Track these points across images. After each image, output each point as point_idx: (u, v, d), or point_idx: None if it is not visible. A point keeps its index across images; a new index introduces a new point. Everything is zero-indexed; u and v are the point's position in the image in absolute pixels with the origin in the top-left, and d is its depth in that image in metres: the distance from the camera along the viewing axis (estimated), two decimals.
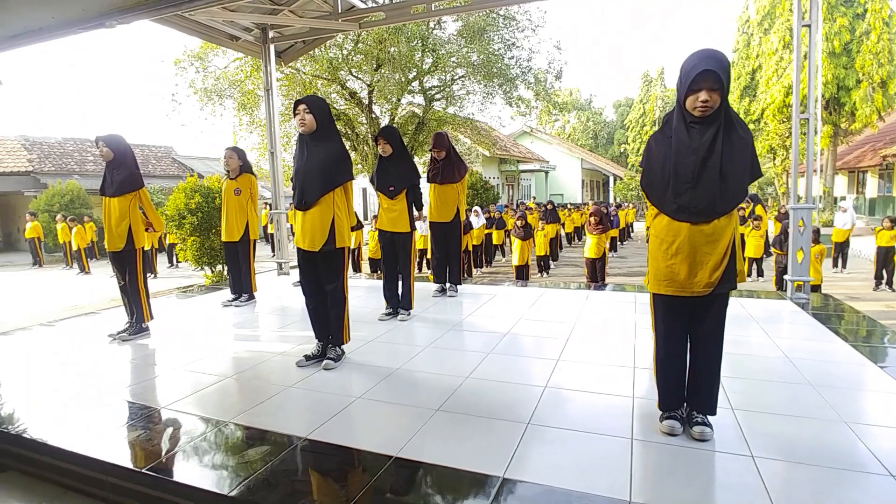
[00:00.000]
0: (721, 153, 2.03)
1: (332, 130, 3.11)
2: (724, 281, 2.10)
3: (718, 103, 2.00)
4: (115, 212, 3.93)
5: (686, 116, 2.07)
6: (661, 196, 2.14)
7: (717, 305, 2.15)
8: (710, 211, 2.06)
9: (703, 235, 2.08)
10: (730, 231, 2.10)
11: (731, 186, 2.04)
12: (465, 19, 14.12)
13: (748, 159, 2.05)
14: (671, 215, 2.12)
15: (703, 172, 2.04)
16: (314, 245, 3.07)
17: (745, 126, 2.09)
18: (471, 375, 2.98)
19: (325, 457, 2.15)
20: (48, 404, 2.77)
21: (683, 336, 2.23)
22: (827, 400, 2.53)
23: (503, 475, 1.93)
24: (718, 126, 2.03)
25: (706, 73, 1.96)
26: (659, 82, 36.09)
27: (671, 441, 2.16)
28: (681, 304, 2.17)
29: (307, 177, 3.03)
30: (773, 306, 4.58)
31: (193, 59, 11.33)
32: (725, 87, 1.98)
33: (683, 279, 2.12)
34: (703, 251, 2.09)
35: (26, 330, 4.47)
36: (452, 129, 17.59)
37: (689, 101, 2.03)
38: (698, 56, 2.00)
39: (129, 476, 2.08)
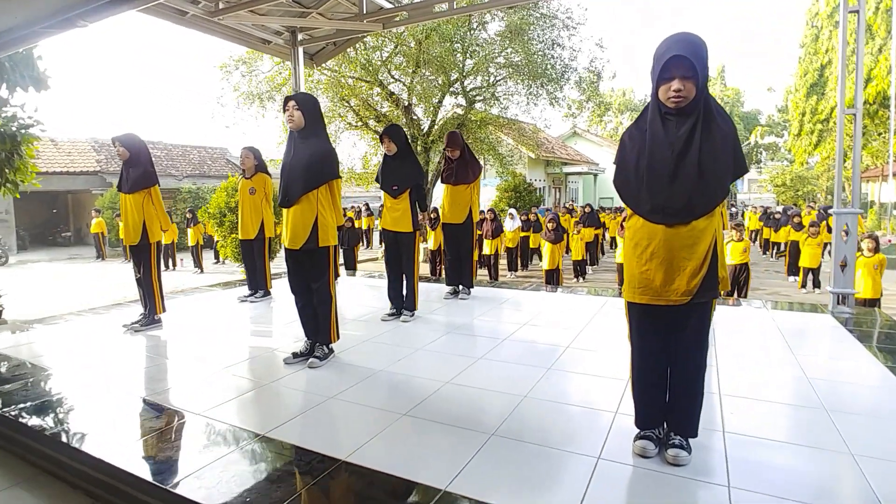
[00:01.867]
0: (699, 148, 1.83)
1: (320, 128, 3.10)
2: (704, 289, 1.90)
3: (694, 93, 1.81)
4: (131, 207, 4.11)
5: (661, 108, 1.88)
6: (636, 195, 1.96)
7: (697, 316, 1.94)
8: (688, 211, 1.86)
9: (679, 238, 1.89)
10: (710, 234, 1.89)
11: (711, 184, 1.84)
12: (505, 19, 13.97)
13: (730, 154, 1.84)
14: (645, 216, 1.94)
15: (680, 169, 1.85)
16: (296, 243, 3.07)
17: (727, 117, 1.88)
18: (452, 381, 2.87)
19: (273, 455, 2.12)
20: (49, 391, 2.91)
21: (661, 348, 2.03)
22: (839, 428, 2.25)
23: (445, 488, 1.82)
24: (696, 118, 1.84)
25: (677, 60, 1.77)
26: (718, 81, 34.30)
27: (641, 464, 1.98)
28: (657, 314, 1.98)
29: (291, 174, 3.03)
30: (809, 320, 4.18)
31: (238, 63, 11.81)
32: (701, 75, 1.79)
33: (659, 286, 1.93)
34: (680, 256, 1.90)
35: (58, 318, 4.75)
36: (495, 130, 17.44)
37: (661, 91, 1.85)
38: (669, 41, 1.82)
39: (57, 447, 2.13)
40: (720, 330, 3.81)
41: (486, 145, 16.52)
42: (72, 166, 17.23)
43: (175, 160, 20.41)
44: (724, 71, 34.84)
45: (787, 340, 3.56)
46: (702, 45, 1.81)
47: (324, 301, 3.17)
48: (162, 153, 20.39)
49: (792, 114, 22.88)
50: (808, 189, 26.55)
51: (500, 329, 3.96)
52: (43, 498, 2.13)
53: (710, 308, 1.95)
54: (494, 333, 3.85)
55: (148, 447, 2.19)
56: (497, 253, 11.14)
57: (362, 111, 14.28)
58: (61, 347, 3.73)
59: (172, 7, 5.64)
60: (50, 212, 18.34)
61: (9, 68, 5.45)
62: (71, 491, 2.16)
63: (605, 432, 2.23)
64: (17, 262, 14.63)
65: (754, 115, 38.14)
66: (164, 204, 15.54)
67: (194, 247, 13.07)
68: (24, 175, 6.58)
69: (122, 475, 2.00)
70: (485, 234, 11.10)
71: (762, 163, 38.15)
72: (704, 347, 1.97)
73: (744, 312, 4.47)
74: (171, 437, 2.28)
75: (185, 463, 2.05)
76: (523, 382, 2.81)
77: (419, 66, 13.29)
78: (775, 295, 9.20)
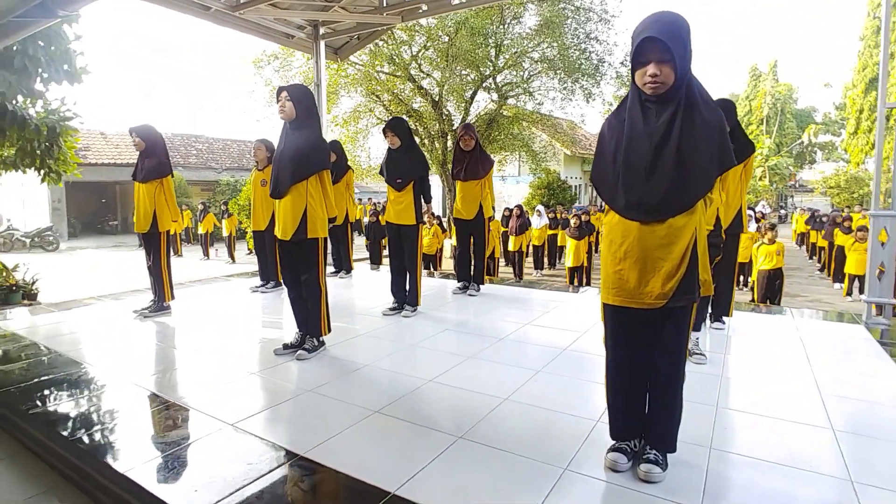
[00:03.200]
0: (679, 139, 1.67)
1: (311, 120, 3.06)
2: (681, 292, 1.74)
3: (672, 78, 1.65)
4: (143, 196, 4.21)
5: (640, 94, 1.73)
6: (612, 190, 1.81)
7: (674, 321, 1.79)
8: (664, 207, 1.71)
9: (655, 237, 1.74)
10: (689, 232, 1.73)
11: (692, 178, 1.68)
12: (539, 13, 13.69)
13: (715, 145, 1.68)
14: (620, 212, 1.80)
15: (658, 162, 1.70)
16: (286, 234, 3.05)
17: (712, 105, 1.71)
18: (435, 379, 2.79)
19: (237, 446, 2.09)
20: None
21: (636, 354, 1.88)
22: (843, 452, 2.04)
23: (393, 492, 1.74)
24: (677, 105, 1.68)
25: (651, 43, 1.62)
26: (770, 76, 32.53)
27: (610, 478, 1.84)
28: (632, 317, 1.84)
29: (281, 164, 3.01)
30: (838, 331, 3.87)
31: (270, 58, 12.04)
32: (679, 58, 1.63)
33: (633, 288, 1.79)
34: (654, 256, 1.74)
35: (79, 302, 4.94)
36: (529, 126, 17.15)
37: (637, 76, 1.70)
38: (645, 21, 1.67)
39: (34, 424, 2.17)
40: (735, 338, 3.58)
41: (518, 141, 16.29)
42: (119, 158, 18.07)
43: (216, 153, 21.09)
44: (777, 66, 33.01)
45: (808, 352, 3.29)
46: (680, 24, 1.64)
47: (313, 293, 3.14)
48: (203, 146, 21.12)
49: (849, 111, 21.50)
50: (864, 191, 24.90)
51: (500, 328, 3.84)
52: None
53: (688, 313, 1.79)
54: (493, 332, 3.73)
55: (110, 427, 2.21)
56: (522, 250, 10.95)
57: (393, 106, 14.33)
58: (72, 330, 3.87)
59: (195, 2, 5.76)
60: (99, 201, 19.31)
61: (44, 62, 5.70)
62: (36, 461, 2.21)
63: (580, 442, 2.10)
64: (66, 248, 15.48)
65: (809, 112, 36.01)
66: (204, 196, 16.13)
67: (228, 237, 13.46)
68: (65, 166, 6.91)
69: (71, 448, 2.03)
70: (510, 231, 10.93)
71: (817, 163, 36.10)
72: (681, 355, 1.82)
73: (766, 320, 4.18)
74: (135, 420, 2.30)
75: (141, 445, 2.05)
76: (508, 384, 2.70)
77: (451, 61, 13.19)
78: (816, 303, 8.64)
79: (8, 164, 6.69)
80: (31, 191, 16.24)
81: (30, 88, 5.68)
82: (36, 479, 2.16)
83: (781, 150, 33.02)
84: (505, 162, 18.15)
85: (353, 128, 14.12)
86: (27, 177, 7.18)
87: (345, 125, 14.26)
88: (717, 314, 3.77)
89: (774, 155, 32.11)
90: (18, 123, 5.85)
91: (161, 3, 5.47)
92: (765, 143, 32.12)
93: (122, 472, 1.88)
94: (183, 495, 1.74)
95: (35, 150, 6.40)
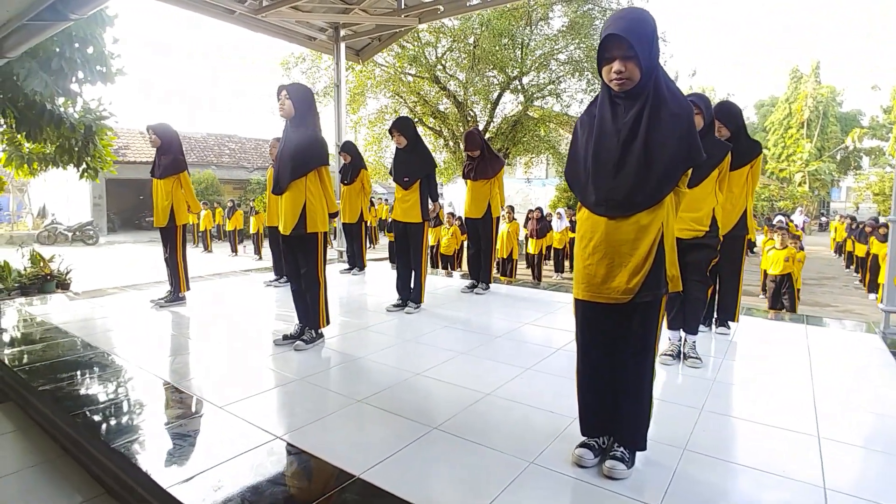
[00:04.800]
0: (646, 135, 1.68)
1: (309, 118, 3.15)
2: (647, 287, 1.74)
3: (638, 74, 1.66)
4: (161, 192, 4.41)
5: (609, 91, 1.75)
6: (583, 187, 1.83)
7: (640, 317, 1.79)
8: (629, 204, 1.72)
9: (621, 232, 1.75)
10: (655, 228, 1.73)
11: (657, 174, 1.68)
12: (568, 14, 13.58)
13: (683, 140, 1.67)
14: (590, 208, 1.81)
15: (625, 158, 1.71)
16: (286, 229, 3.15)
17: (681, 100, 1.71)
18: (423, 373, 2.84)
19: (220, 427, 2.19)
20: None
21: (605, 350, 1.88)
22: (824, 459, 1.99)
23: (359, 475, 1.80)
24: (644, 101, 1.69)
25: (615, 40, 1.63)
26: (812, 78, 31.23)
27: (574, 473, 1.85)
28: (600, 312, 1.84)
29: (282, 162, 3.12)
30: (852, 339, 3.73)
31: (298, 60, 12.34)
32: (643, 55, 1.63)
33: (600, 282, 1.80)
34: (621, 251, 1.75)
35: (103, 291, 5.21)
36: (556, 128, 17.02)
37: (604, 73, 1.71)
38: (611, 19, 1.68)
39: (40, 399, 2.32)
40: (739, 343, 3.50)
41: (545, 143, 16.18)
42: None
43: (248, 153, 21.71)
44: (819, 67, 31.65)
45: (813, 360, 3.19)
46: (645, 21, 1.65)
47: (311, 286, 3.24)
48: (236, 146, 21.78)
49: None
50: None
51: (499, 326, 3.86)
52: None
53: (655, 309, 1.79)
54: (491, 330, 3.76)
55: (108, 405, 2.35)
56: (542, 253, 10.89)
57: (419, 107, 14.45)
58: (92, 316, 4.09)
59: (221, 6, 6.00)
60: (137, 198, 20.13)
61: (80, 63, 6.03)
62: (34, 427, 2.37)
63: (553, 437, 2.11)
64: (105, 242, 16.24)
65: (854, 115, 34.40)
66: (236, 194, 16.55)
67: (255, 234, 13.84)
68: (102, 163, 7.29)
69: (71, 423, 2.17)
70: (530, 233, 10.88)
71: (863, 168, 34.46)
72: (649, 352, 1.81)
73: (777, 327, 4.06)
74: (131, 399, 2.43)
75: (132, 422, 2.18)
76: (493, 380, 2.73)
77: (475, 63, 13.22)
78: (847, 313, 8.29)
79: (48, 160, 7.10)
80: (74, 187, 17.08)
81: (66, 89, 6.01)
82: (40, 451, 2.31)
83: (823, 155, 31.68)
84: (531, 164, 18.06)
85: (377, 129, 14.30)
86: (71, 174, 7.59)
87: (370, 126, 14.45)
88: (722, 319, 3.69)
89: (815, 160, 30.85)
90: (56, 122, 6.21)
91: (187, 7, 5.72)
92: (805, 147, 30.90)
93: (111, 446, 2.00)
94: (162, 467, 1.85)
95: (73, 147, 6.77)
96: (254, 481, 1.77)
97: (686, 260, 2.96)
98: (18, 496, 1.98)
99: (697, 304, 3.03)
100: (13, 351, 3.20)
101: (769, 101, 36.07)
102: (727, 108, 3.30)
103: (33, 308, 4.43)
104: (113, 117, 7.04)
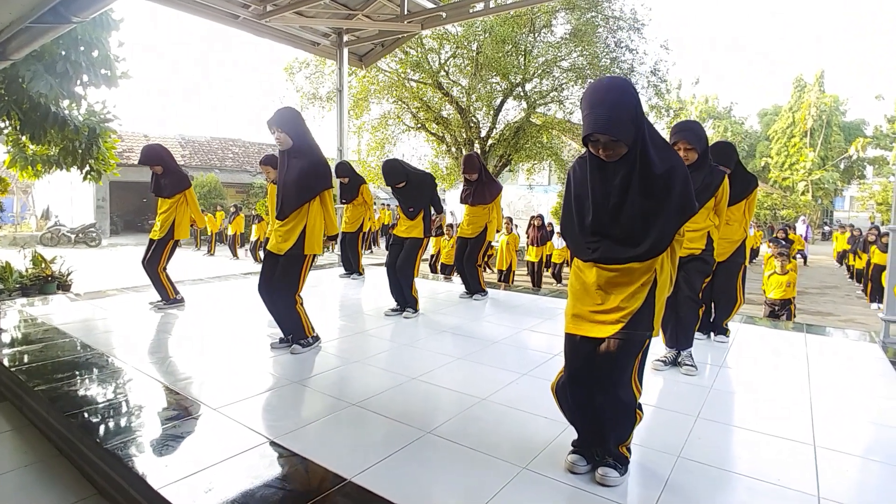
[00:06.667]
0: (636, 199, 1.67)
1: (307, 143, 3.12)
2: (633, 325, 1.74)
3: (625, 148, 1.64)
4: (166, 208, 4.46)
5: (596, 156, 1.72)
6: (578, 244, 1.83)
7: (624, 352, 1.75)
8: (627, 260, 1.73)
9: (614, 274, 1.77)
10: (648, 273, 1.75)
11: (651, 239, 1.69)
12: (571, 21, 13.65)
13: (675, 199, 1.67)
14: (585, 261, 1.82)
15: (618, 221, 1.71)
16: (281, 249, 3.13)
17: (669, 156, 1.69)
18: (419, 377, 2.83)
19: (214, 429, 2.19)
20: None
21: (588, 382, 1.83)
22: (819, 468, 1.97)
23: (350, 479, 1.80)
24: (632, 166, 1.66)
25: (597, 134, 1.61)
26: (816, 87, 31.21)
27: (566, 479, 1.84)
28: (587, 345, 1.82)
29: (286, 189, 3.10)
30: (851, 348, 3.72)
31: (302, 65, 12.42)
32: (632, 133, 1.62)
33: (588, 316, 1.80)
34: (612, 292, 1.77)
35: (102, 293, 5.22)
36: (559, 134, 17.05)
37: (590, 146, 1.70)
38: (588, 104, 1.61)
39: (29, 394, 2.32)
40: (737, 351, 3.49)
41: (547, 150, 16.20)
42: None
43: (251, 157, 21.80)
44: (823, 76, 31.64)
45: (811, 368, 3.18)
46: (622, 103, 1.60)
47: (287, 306, 3.18)
48: (240, 150, 21.87)
49: None
50: None
51: (496, 332, 3.85)
52: None
53: (635, 346, 1.76)
54: (488, 336, 3.75)
55: (103, 406, 2.35)
56: (542, 260, 10.87)
57: (422, 113, 14.51)
58: (91, 318, 4.11)
59: (226, 11, 6.05)
60: (140, 201, 20.21)
61: (85, 67, 6.08)
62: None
63: (547, 443, 2.10)
64: (108, 244, 16.29)
65: (858, 125, 34.34)
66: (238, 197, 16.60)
67: (256, 241, 13.86)
68: (105, 165, 7.34)
69: (65, 423, 2.17)
70: (531, 241, 10.87)
71: (866, 178, 34.39)
72: (626, 384, 1.78)
73: (776, 335, 4.05)
74: (126, 401, 2.44)
75: (126, 423, 2.18)
76: (488, 385, 2.72)
77: (478, 69, 13.29)
78: (849, 322, 8.25)
79: (52, 162, 7.15)
80: (78, 190, 17.19)
81: (70, 91, 6.05)
82: (34, 450, 2.32)
83: (826, 164, 31.63)
84: (533, 170, 18.09)
85: (380, 134, 14.35)
86: (74, 176, 7.64)
87: (373, 132, 14.52)
88: (719, 329, 3.69)
89: (819, 169, 30.80)
90: (60, 124, 6.25)
91: (191, 12, 5.77)
92: (808, 156, 30.87)
93: (104, 447, 2.00)
94: (153, 469, 1.85)
95: (77, 149, 6.82)
96: (245, 483, 1.77)
97: (680, 272, 2.97)
98: (11, 495, 1.98)
99: (689, 325, 3.05)
100: (11, 351, 3.21)
101: (772, 110, 36.05)
102: (721, 149, 3.31)
103: (33, 309, 4.44)
104: (117, 120, 7.10)
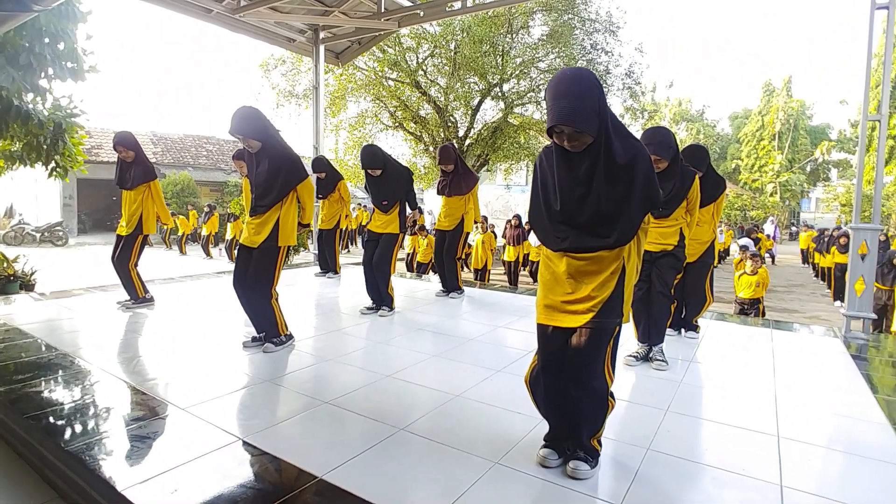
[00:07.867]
0: (601, 188, 1.69)
1: (275, 141, 3.08)
2: (603, 314, 1.77)
3: (590, 139, 1.65)
4: (130, 202, 4.37)
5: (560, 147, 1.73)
6: (547, 235, 1.85)
7: (594, 341, 1.78)
8: (594, 250, 1.76)
9: (583, 264, 1.79)
10: (616, 262, 1.78)
11: (619, 229, 1.72)
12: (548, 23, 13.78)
13: (639, 188, 1.69)
14: (554, 250, 1.84)
15: (584, 211, 1.73)
16: (254, 241, 3.09)
17: (633, 146, 1.71)
18: (392, 375, 2.82)
19: (183, 428, 2.14)
20: None
21: (560, 376, 1.87)
22: (782, 458, 2.03)
23: (321, 476, 1.78)
24: (596, 157, 1.68)
25: (561, 127, 1.63)
26: (784, 92, 32.22)
27: (538, 473, 1.86)
28: (558, 335, 1.84)
29: (259, 188, 3.06)
30: (815, 344, 3.84)
31: (278, 62, 12.25)
32: (595, 124, 1.63)
33: (559, 307, 1.82)
34: (581, 280, 1.79)
35: (69, 293, 5.06)
36: (536, 134, 17.20)
37: (555, 136, 1.71)
38: (553, 95, 1.62)
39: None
40: (706, 347, 3.57)
41: (525, 150, 16.32)
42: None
43: (225, 154, 21.38)
44: (791, 82, 32.69)
45: (776, 363, 3.27)
46: (586, 95, 1.60)
47: (262, 297, 3.15)
48: (214, 147, 21.44)
49: None
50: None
51: (472, 329, 3.87)
52: None
53: (607, 334, 1.79)
54: (463, 333, 3.76)
55: (66, 407, 2.28)
56: (519, 260, 10.94)
57: (400, 112, 14.45)
58: (55, 318, 3.98)
59: (199, 5, 5.93)
60: (110, 199, 19.64)
61: (50, 59, 5.87)
62: None
63: (520, 438, 2.12)
64: (75, 243, 15.78)
65: (823, 129, 35.58)
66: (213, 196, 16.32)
67: (231, 240, 13.60)
68: (72, 161, 7.08)
69: (25, 426, 2.09)
70: (508, 241, 10.94)
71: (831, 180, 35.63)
72: (599, 374, 1.81)
73: (743, 331, 4.16)
74: (91, 402, 2.36)
75: (90, 424, 2.11)
76: (463, 382, 2.73)
77: (457, 69, 13.30)
78: (813, 319, 8.53)
79: (15, 158, 6.88)
80: (43, 187, 16.60)
81: (34, 85, 5.84)
82: None
83: (794, 167, 32.66)
84: (511, 170, 18.21)
85: (357, 133, 14.25)
86: (41, 173, 7.36)
87: (350, 130, 14.40)
88: (689, 326, 3.78)
89: (786, 171, 31.77)
90: (23, 118, 6.02)
91: (163, 5, 5.64)
92: (776, 158, 31.82)
93: (65, 449, 1.94)
94: (117, 470, 1.80)
95: (42, 145, 6.58)
96: (213, 483, 1.73)
97: (653, 269, 3.04)
98: None
99: (662, 320, 3.11)
100: None
101: (743, 114, 37.07)
102: (694, 153, 3.37)
103: None
104: (84, 115, 6.86)
